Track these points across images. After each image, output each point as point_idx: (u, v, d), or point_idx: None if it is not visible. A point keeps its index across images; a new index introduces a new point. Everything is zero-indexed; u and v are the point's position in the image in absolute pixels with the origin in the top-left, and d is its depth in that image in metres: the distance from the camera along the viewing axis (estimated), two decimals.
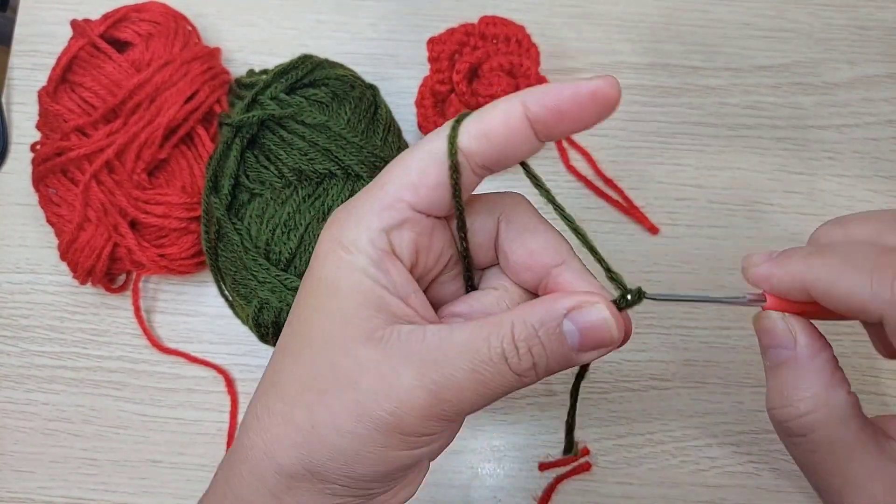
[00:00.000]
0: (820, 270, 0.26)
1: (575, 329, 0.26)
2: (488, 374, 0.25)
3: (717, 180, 0.51)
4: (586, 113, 0.25)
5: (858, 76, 0.53)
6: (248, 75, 0.47)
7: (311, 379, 0.26)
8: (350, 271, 0.26)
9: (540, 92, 0.25)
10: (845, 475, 0.27)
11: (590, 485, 0.46)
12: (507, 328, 0.25)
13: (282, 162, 0.42)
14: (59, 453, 0.47)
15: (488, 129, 0.26)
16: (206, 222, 0.44)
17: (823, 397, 0.27)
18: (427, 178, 0.26)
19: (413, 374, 0.25)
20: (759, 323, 0.29)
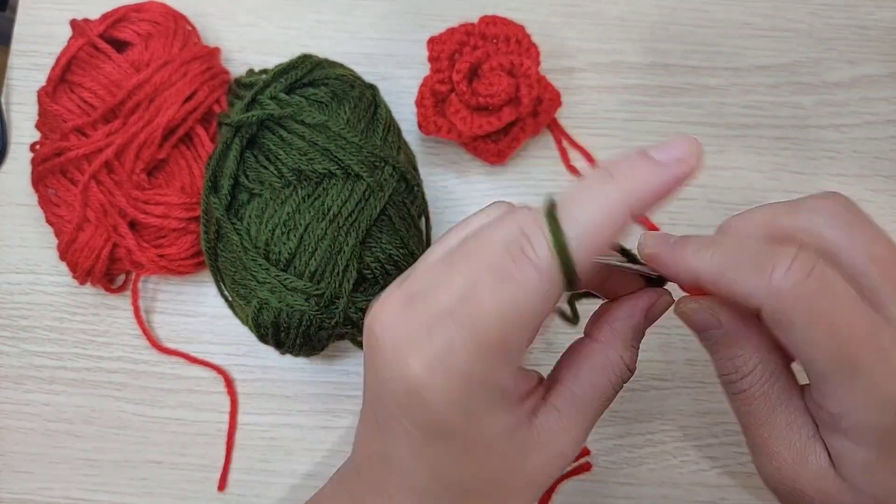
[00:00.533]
0: (708, 264, 0.27)
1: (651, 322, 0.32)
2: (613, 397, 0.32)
3: (717, 180, 0.51)
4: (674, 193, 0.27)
5: (858, 76, 0.53)
6: (248, 75, 0.47)
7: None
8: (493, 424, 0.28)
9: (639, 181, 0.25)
10: (772, 424, 0.30)
11: (590, 485, 0.46)
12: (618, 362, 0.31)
13: (281, 162, 0.42)
14: (59, 454, 0.47)
15: (596, 250, 0.25)
16: (205, 222, 0.44)
17: (757, 358, 0.30)
18: (538, 319, 0.26)
19: (571, 445, 0.30)
20: (681, 312, 0.31)
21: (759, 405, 0.30)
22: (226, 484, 0.46)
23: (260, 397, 0.48)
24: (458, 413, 0.26)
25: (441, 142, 0.51)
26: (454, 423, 0.27)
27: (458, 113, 0.48)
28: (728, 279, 0.27)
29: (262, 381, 0.48)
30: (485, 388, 0.26)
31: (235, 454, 0.47)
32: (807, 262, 0.25)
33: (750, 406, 0.30)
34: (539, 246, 0.25)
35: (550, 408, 0.30)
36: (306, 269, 0.40)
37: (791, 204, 0.31)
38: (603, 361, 0.30)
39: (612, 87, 0.52)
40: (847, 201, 0.30)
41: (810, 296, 0.25)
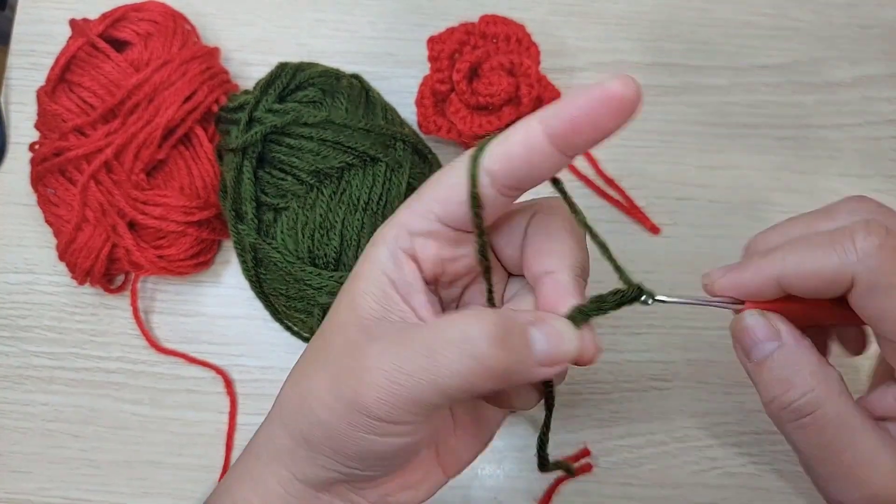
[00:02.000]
0: (786, 261, 0.28)
1: (541, 336, 0.26)
2: (447, 356, 0.24)
3: (719, 179, 0.51)
4: (604, 119, 0.25)
5: (860, 75, 0.52)
6: (231, 100, 0.46)
7: (316, 353, 0.29)
8: (370, 261, 0.28)
9: (555, 106, 0.25)
10: (856, 448, 0.27)
11: (590, 486, 0.46)
12: (477, 312, 0.26)
13: (297, 168, 0.42)
14: (58, 454, 0.47)
15: (509, 150, 0.26)
16: (240, 252, 0.44)
17: (822, 373, 0.28)
18: (453, 195, 0.27)
19: (376, 356, 0.26)
20: (739, 324, 0.30)
21: (835, 430, 0.28)
22: None
23: (259, 397, 0.47)
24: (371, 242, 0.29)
25: (441, 141, 0.50)
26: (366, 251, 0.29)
27: (458, 112, 0.47)
28: (813, 265, 0.27)
29: (262, 381, 0.48)
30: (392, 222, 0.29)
31: (235, 455, 0.46)
32: (879, 225, 0.27)
33: (823, 434, 0.28)
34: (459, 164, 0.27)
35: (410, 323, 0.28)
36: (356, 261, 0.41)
37: (824, 210, 0.31)
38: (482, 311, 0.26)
39: None
40: (875, 201, 0.30)
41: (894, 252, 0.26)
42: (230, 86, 0.49)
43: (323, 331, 0.29)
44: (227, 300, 0.49)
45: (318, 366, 0.28)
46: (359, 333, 0.27)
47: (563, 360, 0.27)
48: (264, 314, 0.47)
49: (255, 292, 0.45)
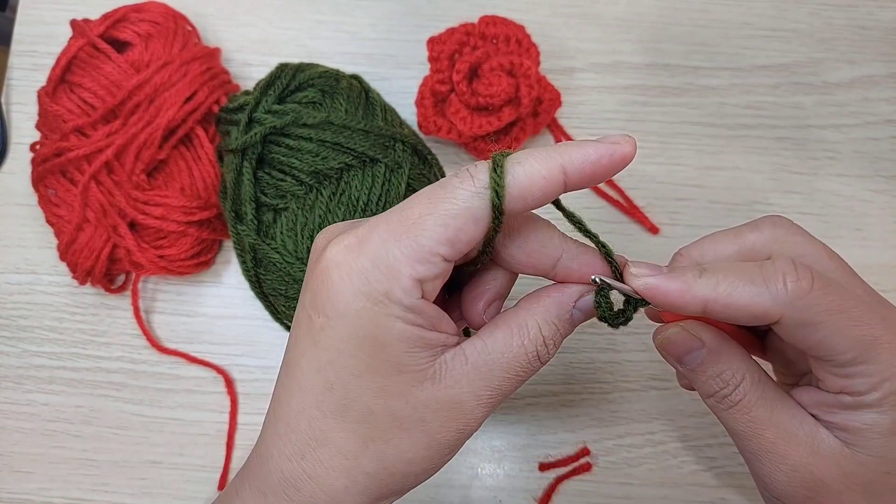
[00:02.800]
0: (717, 289, 0.29)
1: (581, 314, 0.31)
2: (526, 372, 0.30)
3: (718, 180, 0.51)
4: (611, 173, 0.29)
5: (858, 76, 0.53)
6: (231, 101, 0.47)
7: (373, 431, 0.29)
8: (390, 324, 0.28)
9: (580, 160, 0.28)
10: (776, 424, 0.30)
11: (590, 485, 0.46)
12: (536, 331, 0.30)
13: (296, 169, 0.42)
14: (59, 454, 0.47)
15: (527, 194, 0.27)
16: (240, 253, 0.44)
17: (745, 367, 0.31)
18: (465, 235, 0.27)
19: (472, 398, 0.29)
20: (663, 339, 0.32)
21: (758, 410, 0.31)
22: (226, 484, 0.46)
23: (260, 397, 0.47)
24: (358, 293, 0.27)
25: (441, 142, 0.50)
26: (352, 304, 0.27)
27: (458, 113, 0.48)
28: (743, 299, 0.28)
29: (262, 381, 0.48)
30: (391, 275, 0.27)
31: (235, 454, 0.47)
32: (806, 270, 0.28)
33: (749, 414, 0.31)
34: (481, 170, 0.28)
35: (459, 351, 0.29)
36: None
37: (748, 224, 0.33)
38: (519, 324, 0.30)
39: (612, 88, 0.52)
40: (792, 222, 0.33)
41: (824, 295, 0.28)
42: (231, 86, 0.49)
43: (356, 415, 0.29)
44: (228, 300, 0.49)
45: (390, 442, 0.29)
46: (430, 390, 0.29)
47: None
48: (265, 314, 0.47)
49: (255, 292, 0.45)
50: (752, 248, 0.32)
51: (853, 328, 0.28)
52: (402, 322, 0.28)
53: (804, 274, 0.28)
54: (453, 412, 0.29)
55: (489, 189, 0.27)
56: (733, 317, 0.29)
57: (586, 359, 0.48)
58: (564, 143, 0.28)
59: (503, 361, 0.29)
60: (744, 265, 0.29)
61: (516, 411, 0.47)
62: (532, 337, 0.30)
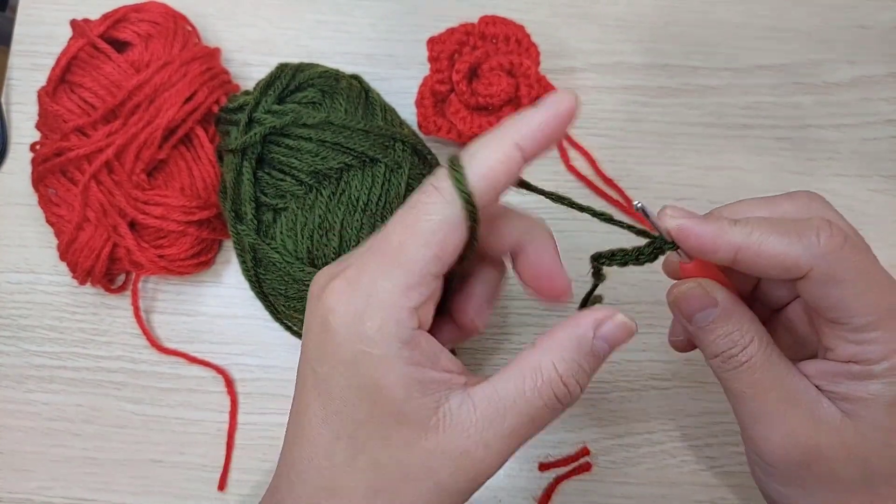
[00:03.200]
0: (751, 237, 0.29)
1: (605, 343, 0.29)
2: (545, 418, 0.28)
3: (717, 180, 0.51)
4: (561, 133, 0.28)
5: (858, 76, 0.53)
6: (231, 101, 0.47)
7: (382, 481, 0.28)
8: (387, 367, 0.27)
9: (529, 131, 0.28)
10: (781, 387, 0.30)
11: (590, 485, 0.46)
12: (551, 371, 0.28)
13: (296, 169, 0.42)
14: (59, 453, 0.47)
15: (493, 182, 0.27)
16: (240, 253, 0.44)
17: (755, 329, 0.31)
18: (449, 246, 0.27)
19: (480, 447, 0.27)
20: (679, 293, 0.32)
21: (763, 372, 0.30)
22: (226, 483, 0.46)
23: (260, 397, 0.48)
24: (355, 336, 0.27)
25: (441, 142, 0.51)
26: (350, 349, 0.27)
27: (457, 113, 0.48)
28: (774, 249, 0.28)
29: (262, 380, 0.48)
30: (385, 310, 0.27)
31: (236, 454, 0.47)
32: (839, 229, 0.29)
33: (754, 375, 0.30)
34: (442, 178, 0.27)
35: (465, 397, 0.28)
36: None
37: (784, 195, 0.33)
38: (532, 366, 0.28)
39: (612, 88, 0.52)
40: (823, 197, 0.33)
41: (854, 254, 0.28)
42: (231, 86, 0.49)
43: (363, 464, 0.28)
44: (228, 300, 0.49)
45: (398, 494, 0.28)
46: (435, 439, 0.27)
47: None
48: (265, 314, 0.47)
49: (255, 292, 0.45)
50: (784, 215, 0.32)
51: (876, 293, 0.28)
52: (400, 362, 0.27)
53: (837, 231, 0.28)
54: (463, 462, 0.28)
55: (456, 194, 0.27)
56: (763, 267, 0.29)
57: None
58: (511, 119, 0.28)
59: (516, 409, 0.28)
60: (778, 219, 0.30)
61: None
62: (547, 379, 0.28)
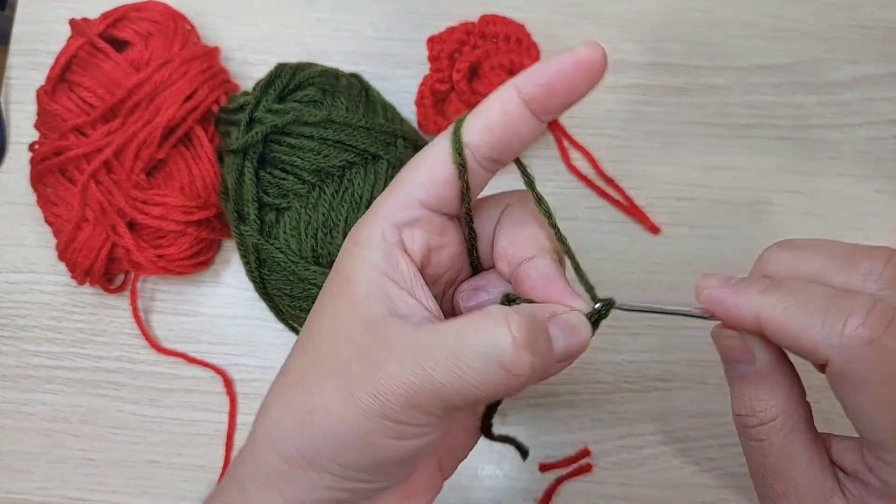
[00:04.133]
0: (774, 308, 0.26)
1: (560, 334, 0.26)
2: (475, 367, 0.24)
3: (719, 180, 0.50)
4: (577, 82, 0.26)
5: (861, 75, 0.52)
6: (231, 101, 0.46)
7: (313, 364, 0.27)
8: (361, 263, 0.27)
9: (529, 72, 0.27)
10: (787, 480, 0.28)
11: (590, 486, 0.46)
12: (503, 331, 0.24)
13: (299, 168, 0.42)
14: (58, 453, 0.47)
15: (489, 121, 0.27)
16: (243, 254, 0.44)
17: (782, 407, 0.28)
18: (436, 175, 0.28)
19: (395, 362, 0.25)
20: (719, 340, 0.30)
21: (775, 458, 0.28)
22: None
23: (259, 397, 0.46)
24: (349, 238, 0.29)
25: None
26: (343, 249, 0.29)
27: (458, 112, 0.47)
28: (795, 326, 0.25)
29: (261, 381, 0.47)
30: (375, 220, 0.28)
31: (234, 454, 0.46)
32: (885, 315, 0.24)
33: (766, 458, 0.29)
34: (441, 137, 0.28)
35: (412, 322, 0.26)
36: None
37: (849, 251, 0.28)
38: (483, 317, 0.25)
39: (614, 87, 0.52)
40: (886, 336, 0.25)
41: (886, 353, 0.24)
42: (230, 85, 0.49)
43: (315, 343, 0.28)
44: (227, 300, 0.49)
45: (321, 378, 0.26)
46: (369, 338, 0.26)
47: (578, 354, 0.27)
48: (264, 314, 0.47)
49: (259, 293, 0.45)
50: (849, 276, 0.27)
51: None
52: (372, 266, 0.27)
53: (878, 320, 0.24)
54: (374, 369, 0.25)
55: (451, 135, 0.27)
56: (786, 344, 0.26)
57: (587, 359, 0.48)
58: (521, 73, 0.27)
59: (447, 343, 0.24)
60: (818, 289, 0.26)
61: (516, 412, 0.47)
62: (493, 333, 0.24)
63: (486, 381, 0.24)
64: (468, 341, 0.24)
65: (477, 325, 0.25)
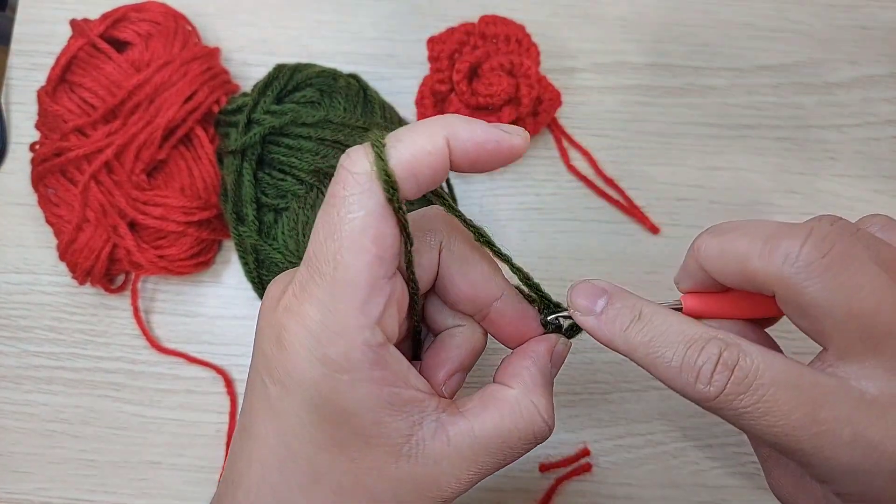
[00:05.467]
0: (637, 350, 0.28)
1: (555, 368, 0.31)
2: (521, 453, 0.28)
3: (719, 180, 0.51)
4: (497, 162, 0.26)
5: (860, 76, 0.53)
6: (230, 102, 0.46)
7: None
8: (354, 391, 0.25)
9: (465, 136, 0.25)
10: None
11: (590, 486, 0.46)
12: (534, 413, 0.28)
13: (297, 168, 0.42)
14: (58, 454, 0.47)
15: (415, 171, 0.25)
16: (242, 254, 0.44)
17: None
18: (386, 241, 0.25)
19: (452, 481, 0.27)
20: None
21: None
22: None
23: None
24: (313, 360, 0.25)
25: None
26: (308, 373, 0.25)
27: (458, 113, 0.47)
28: (657, 370, 0.27)
29: None
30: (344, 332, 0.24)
31: None
32: (727, 363, 0.26)
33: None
34: (355, 154, 0.25)
35: (439, 427, 0.27)
36: None
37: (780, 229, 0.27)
38: (511, 405, 0.28)
39: (613, 88, 0.52)
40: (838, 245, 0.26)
41: (734, 401, 0.25)
42: (231, 86, 0.49)
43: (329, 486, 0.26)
44: (228, 300, 0.49)
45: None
46: (406, 468, 0.26)
47: None
48: None
49: (258, 294, 0.45)
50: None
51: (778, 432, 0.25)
52: (368, 384, 0.25)
53: (719, 376, 0.25)
54: (431, 492, 0.27)
55: (376, 176, 0.24)
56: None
57: (586, 359, 0.48)
58: (449, 116, 0.26)
59: (491, 448, 0.27)
60: (676, 332, 0.27)
61: None
62: (527, 418, 0.27)
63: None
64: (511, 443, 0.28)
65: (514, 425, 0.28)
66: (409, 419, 0.26)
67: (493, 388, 0.29)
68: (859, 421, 0.24)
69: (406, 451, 0.26)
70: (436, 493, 0.27)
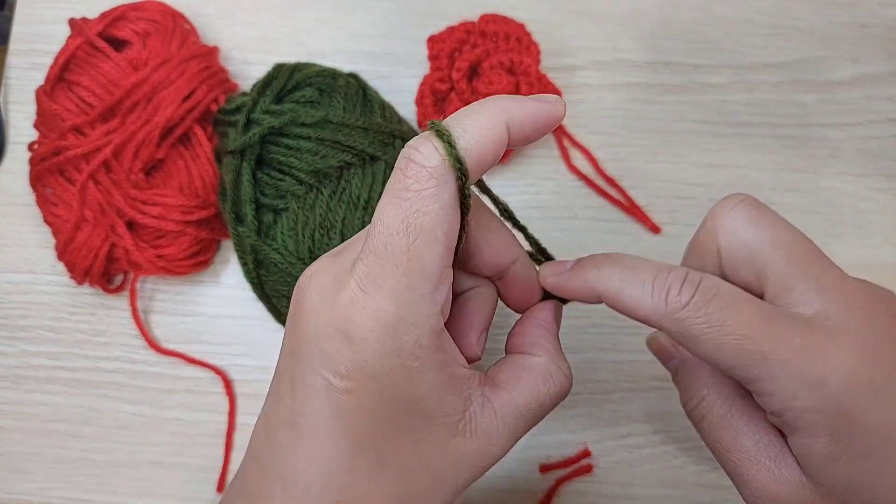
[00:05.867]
0: (608, 280, 0.29)
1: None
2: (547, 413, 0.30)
3: (719, 179, 0.50)
4: (542, 134, 0.28)
5: (860, 74, 0.52)
6: (228, 102, 0.46)
7: (411, 487, 0.28)
8: (424, 376, 0.26)
9: (521, 117, 0.27)
10: (739, 448, 0.30)
11: (591, 486, 0.46)
12: (561, 376, 0.30)
13: (296, 169, 0.42)
14: (58, 454, 0.47)
15: (482, 158, 0.26)
16: (241, 255, 0.43)
17: (710, 384, 0.31)
18: (453, 232, 0.26)
19: (499, 450, 0.29)
20: (650, 346, 0.35)
21: (721, 431, 0.30)
22: (225, 485, 0.46)
23: (258, 398, 0.47)
24: (390, 352, 0.25)
25: None
26: (384, 364, 0.25)
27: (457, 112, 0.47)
28: (627, 302, 0.29)
29: (261, 381, 0.47)
30: (418, 320, 0.25)
31: (235, 455, 0.46)
32: (693, 280, 0.28)
33: (713, 433, 0.31)
34: (424, 147, 0.25)
35: (486, 402, 0.29)
36: None
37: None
38: (544, 373, 0.30)
39: (614, 86, 0.52)
40: (750, 200, 0.30)
41: (700, 309, 0.27)
42: (229, 85, 0.49)
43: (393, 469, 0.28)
44: (227, 300, 0.49)
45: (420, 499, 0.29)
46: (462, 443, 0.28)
47: None
48: (264, 314, 0.47)
49: (257, 294, 0.45)
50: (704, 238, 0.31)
51: (734, 342, 0.26)
52: (434, 368, 0.26)
53: (689, 284, 0.27)
54: (481, 459, 0.29)
55: (449, 166, 0.25)
56: (628, 315, 0.29)
57: (587, 359, 0.48)
58: (500, 99, 0.27)
59: (530, 413, 0.30)
60: (647, 265, 0.29)
61: None
62: (559, 384, 0.30)
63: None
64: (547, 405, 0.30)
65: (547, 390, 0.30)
66: (461, 395, 0.28)
67: (518, 358, 0.31)
68: (804, 334, 0.26)
69: (461, 427, 0.28)
70: (486, 463, 0.29)
